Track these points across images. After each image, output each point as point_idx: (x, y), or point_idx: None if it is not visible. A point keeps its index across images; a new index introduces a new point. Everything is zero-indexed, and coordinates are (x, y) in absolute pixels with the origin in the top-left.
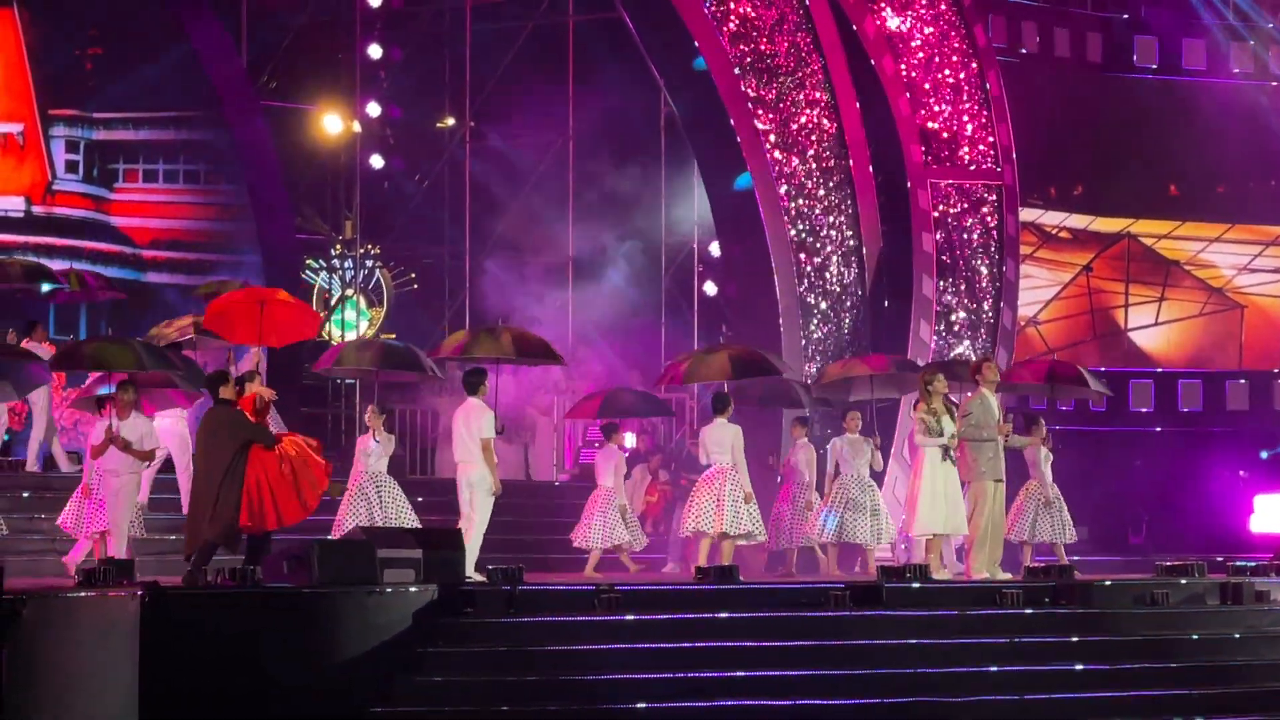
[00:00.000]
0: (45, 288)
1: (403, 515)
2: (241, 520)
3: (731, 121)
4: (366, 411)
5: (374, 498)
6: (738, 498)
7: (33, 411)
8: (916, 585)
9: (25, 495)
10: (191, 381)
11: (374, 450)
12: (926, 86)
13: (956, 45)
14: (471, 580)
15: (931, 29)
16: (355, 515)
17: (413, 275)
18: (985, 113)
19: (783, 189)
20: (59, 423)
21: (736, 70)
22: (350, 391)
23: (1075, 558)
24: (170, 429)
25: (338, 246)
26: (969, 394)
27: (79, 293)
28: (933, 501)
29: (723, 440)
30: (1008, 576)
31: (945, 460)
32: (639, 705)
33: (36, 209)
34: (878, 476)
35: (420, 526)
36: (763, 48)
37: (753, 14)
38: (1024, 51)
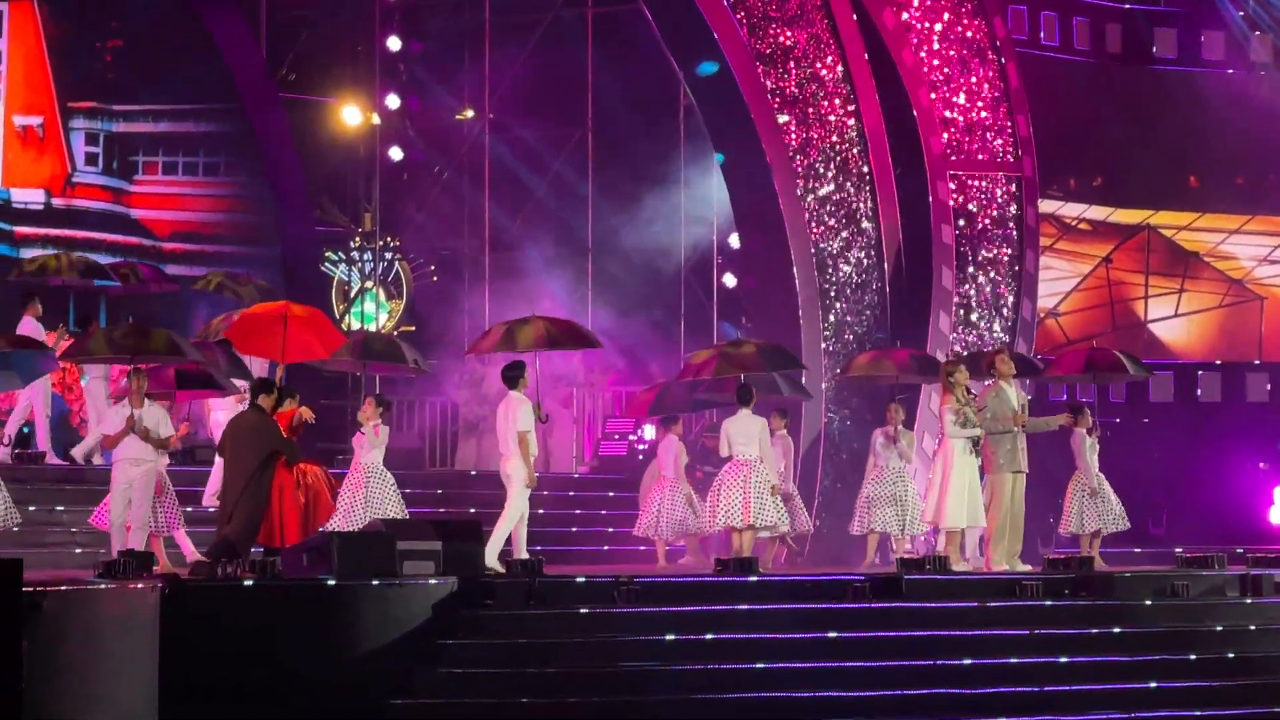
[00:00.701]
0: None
1: (387, 508)
2: (262, 536)
3: (750, 113)
4: (365, 403)
5: (360, 490)
6: (764, 490)
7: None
8: (936, 577)
9: (47, 488)
10: (230, 376)
11: (366, 442)
12: (945, 78)
13: (975, 37)
14: (490, 571)
15: (950, 20)
16: (343, 506)
17: (432, 267)
18: (1004, 104)
19: (801, 181)
20: (80, 415)
21: (755, 62)
22: (371, 384)
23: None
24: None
25: (357, 239)
26: (986, 385)
27: (135, 286)
28: (959, 494)
29: (749, 432)
30: (1027, 569)
31: (971, 453)
32: (659, 697)
33: (56, 201)
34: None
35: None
36: (782, 39)
37: (771, 6)
38: (1043, 43)
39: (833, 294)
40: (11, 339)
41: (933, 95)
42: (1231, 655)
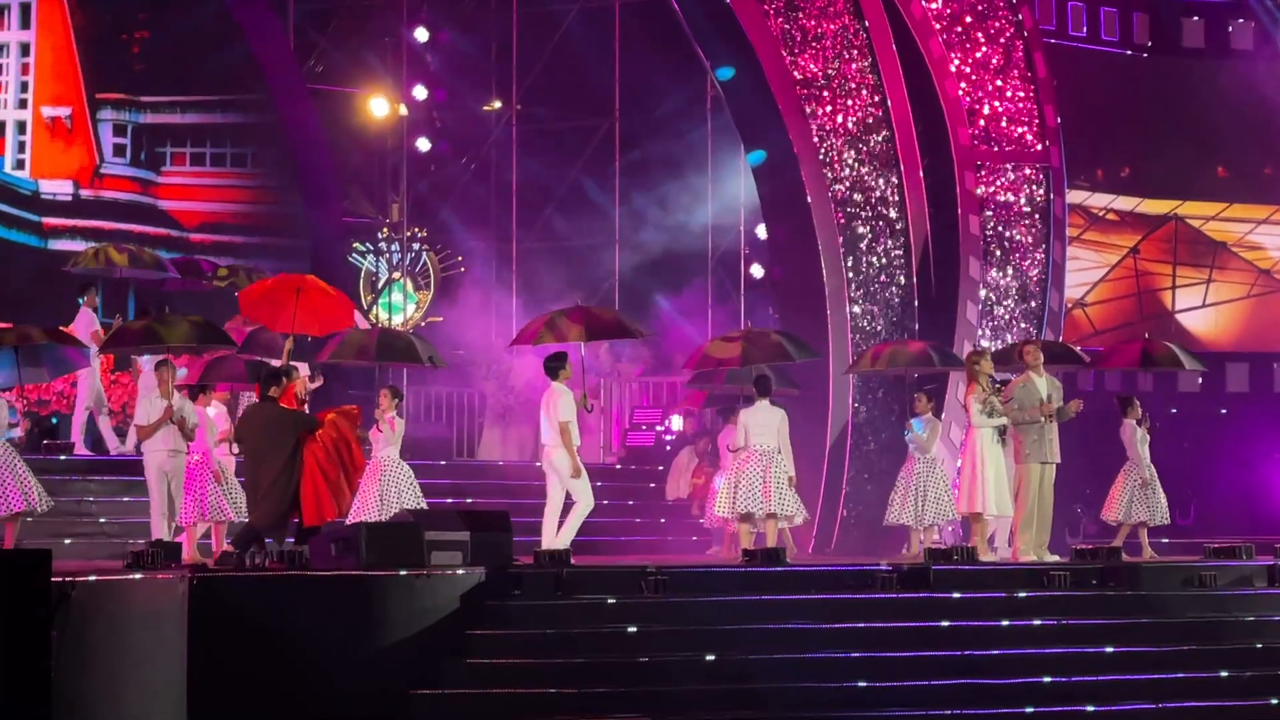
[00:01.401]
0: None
1: (404, 501)
2: (307, 519)
3: (778, 104)
4: (380, 396)
5: (376, 483)
6: (783, 480)
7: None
8: (964, 568)
9: (76, 478)
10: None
11: (382, 436)
12: (973, 69)
13: (1003, 28)
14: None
15: (978, 11)
16: (359, 500)
17: (459, 258)
18: (1032, 95)
19: (828, 171)
20: (111, 405)
21: (783, 52)
22: (397, 376)
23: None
24: None
25: (385, 229)
26: (1014, 378)
27: (189, 281)
28: (989, 483)
29: (769, 423)
30: (1055, 559)
31: (999, 442)
32: (687, 687)
33: (85, 192)
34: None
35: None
36: (809, 30)
37: None
38: (1071, 34)
39: (859, 284)
40: (50, 333)
41: (960, 86)
42: (1259, 645)
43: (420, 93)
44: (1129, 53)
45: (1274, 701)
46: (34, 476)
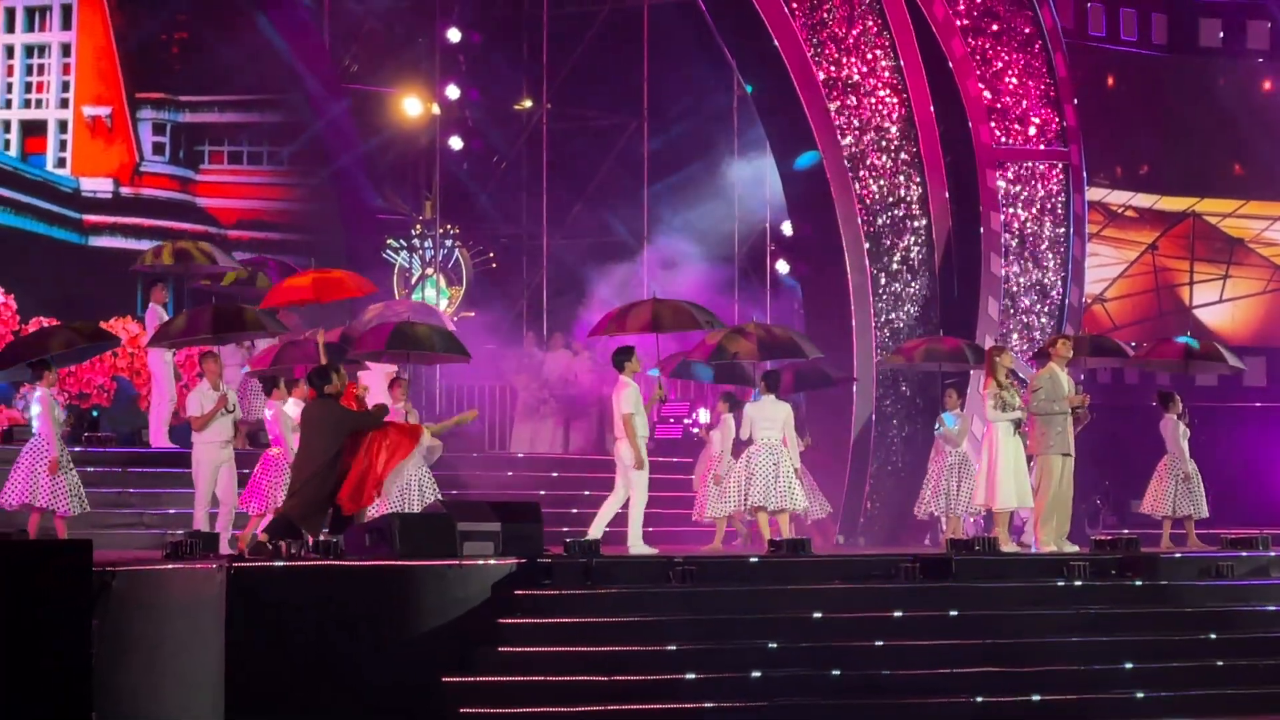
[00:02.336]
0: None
1: (425, 494)
2: (346, 508)
3: (803, 103)
4: (392, 389)
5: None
6: (791, 472)
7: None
8: (986, 558)
9: (115, 471)
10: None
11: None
12: (995, 68)
13: (1024, 27)
14: (640, 554)
15: (999, 12)
16: None
17: (491, 254)
18: (1052, 93)
19: (852, 169)
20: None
21: (809, 53)
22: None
23: (1140, 531)
24: None
25: (418, 226)
26: (1035, 369)
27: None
28: (1007, 476)
29: (775, 417)
30: (1075, 549)
31: (1015, 434)
32: (714, 674)
33: (125, 190)
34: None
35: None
36: (835, 31)
37: None
38: (1091, 34)
39: (883, 281)
40: (92, 335)
41: (981, 85)
42: (1276, 635)
43: (453, 92)
44: (1148, 52)
45: None
46: (73, 479)
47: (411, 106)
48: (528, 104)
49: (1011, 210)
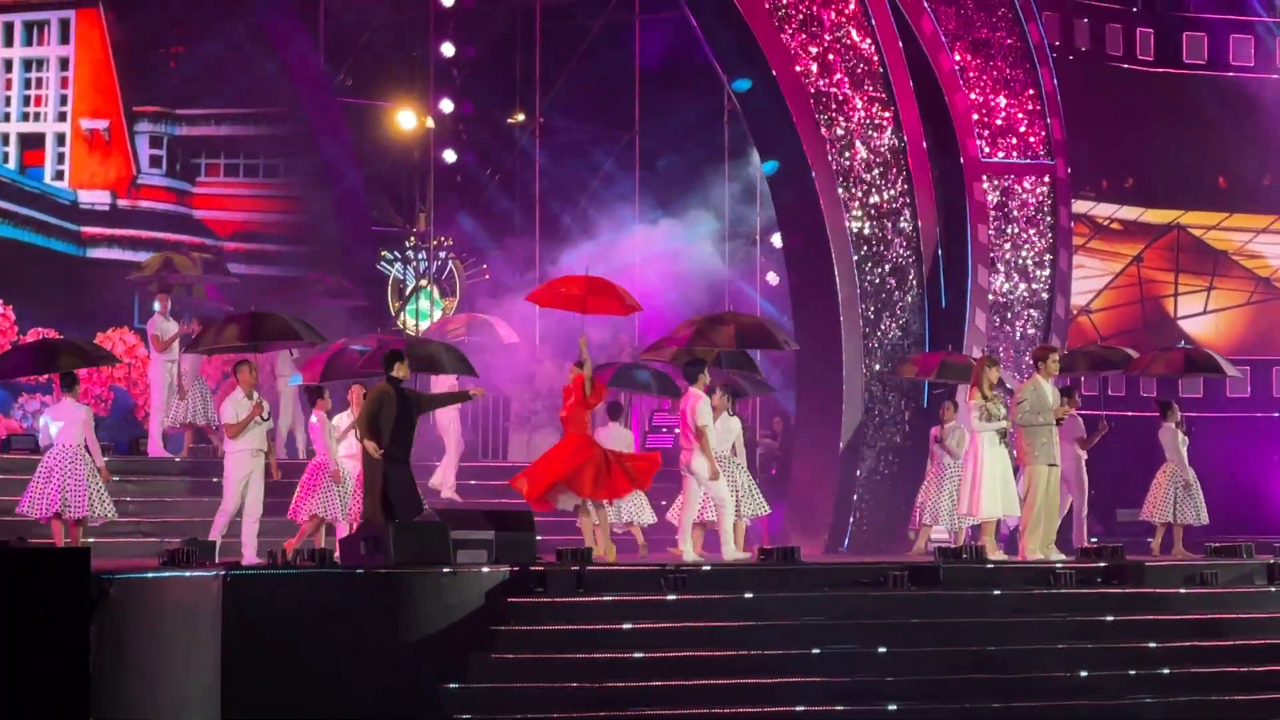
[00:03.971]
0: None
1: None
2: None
3: (792, 116)
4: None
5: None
6: (750, 484)
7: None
8: (973, 566)
9: (115, 479)
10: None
11: None
12: (982, 82)
13: (1011, 43)
14: (737, 559)
15: (986, 27)
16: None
17: (484, 266)
18: (1039, 108)
19: (841, 181)
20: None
21: (798, 67)
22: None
23: (1131, 539)
24: None
25: (412, 238)
26: (1020, 381)
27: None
28: (992, 486)
29: (729, 429)
30: (1061, 558)
31: (1001, 444)
32: (704, 681)
33: (122, 202)
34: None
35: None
36: (824, 44)
37: (815, 13)
38: (1077, 48)
39: (871, 292)
40: (86, 356)
41: (969, 99)
42: (1259, 642)
43: (447, 106)
44: (1134, 67)
45: (1275, 696)
46: (95, 485)
47: (406, 120)
48: (520, 117)
49: (999, 222)
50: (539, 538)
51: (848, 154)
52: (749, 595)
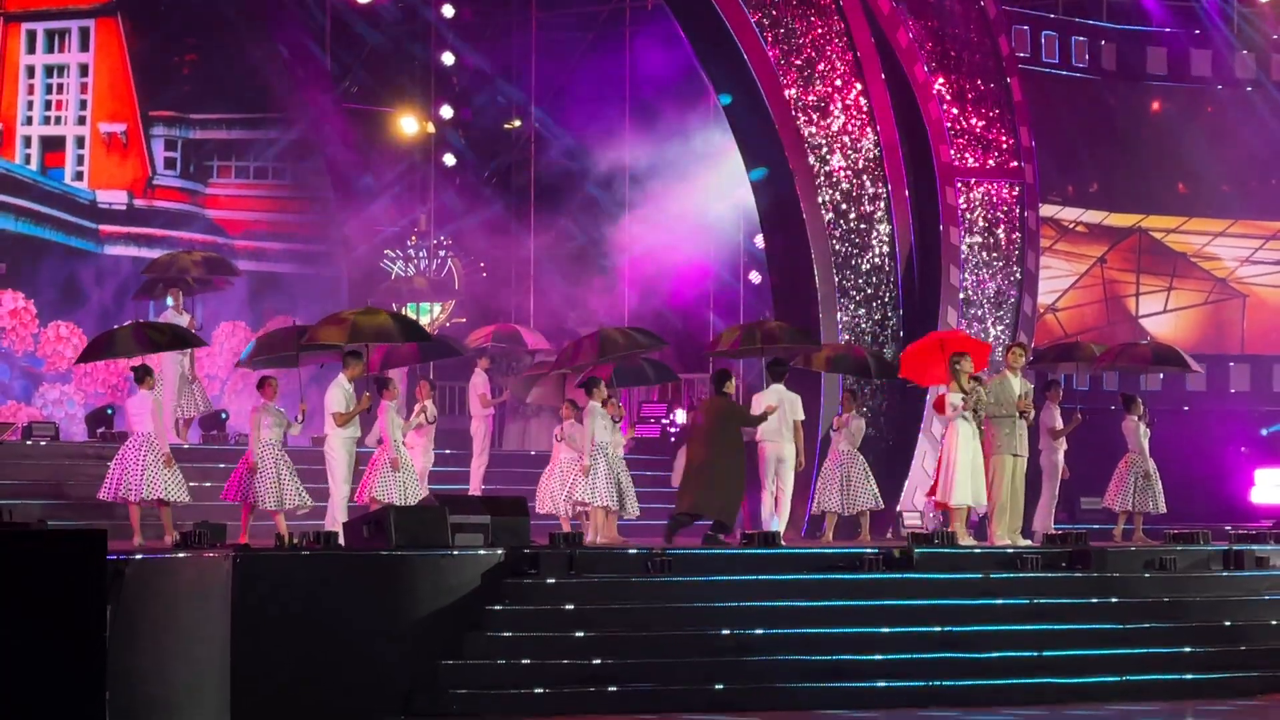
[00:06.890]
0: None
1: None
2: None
3: (775, 123)
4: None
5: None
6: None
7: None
8: (944, 550)
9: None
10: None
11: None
12: (954, 92)
13: (982, 56)
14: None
15: (959, 39)
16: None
17: (482, 265)
18: (1009, 116)
19: (822, 185)
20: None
21: (779, 76)
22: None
23: (1094, 525)
24: None
25: (413, 238)
26: (988, 376)
27: (220, 280)
28: (964, 475)
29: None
30: (1027, 543)
31: (975, 436)
32: (688, 659)
33: (138, 202)
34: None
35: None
36: (804, 55)
37: (796, 23)
38: (1045, 60)
39: (849, 291)
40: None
41: (942, 108)
42: (1215, 623)
43: (447, 112)
44: (1098, 78)
45: (1228, 675)
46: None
47: (408, 125)
48: (517, 123)
49: (969, 225)
50: (532, 522)
51: (829, 160)
52: (732, 578)
